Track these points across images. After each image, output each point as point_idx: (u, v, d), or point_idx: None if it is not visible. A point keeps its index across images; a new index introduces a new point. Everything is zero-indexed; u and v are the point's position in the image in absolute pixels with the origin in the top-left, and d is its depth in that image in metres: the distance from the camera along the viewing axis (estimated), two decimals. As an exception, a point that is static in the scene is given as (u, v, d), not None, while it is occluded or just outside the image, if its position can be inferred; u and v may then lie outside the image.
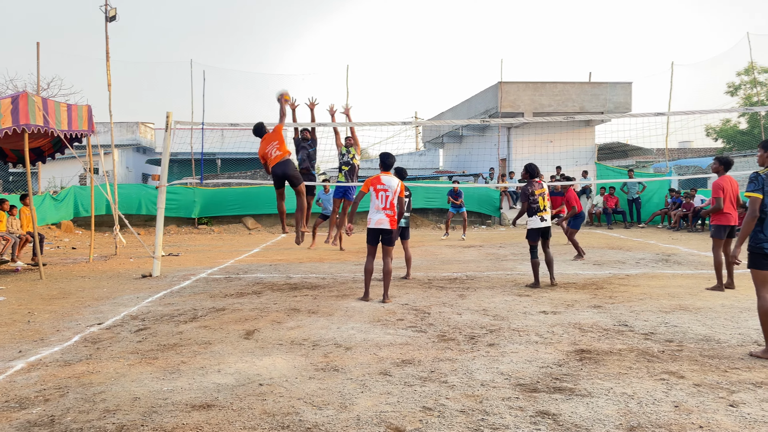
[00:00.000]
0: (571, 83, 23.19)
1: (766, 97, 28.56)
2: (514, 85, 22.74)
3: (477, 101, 25.40)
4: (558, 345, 5.18)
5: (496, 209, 21.20)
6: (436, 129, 30.26)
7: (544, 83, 23.01)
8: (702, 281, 8.51)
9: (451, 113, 28.78)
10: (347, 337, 5.52)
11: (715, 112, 20.39)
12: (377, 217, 7.22)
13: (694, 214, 17.77)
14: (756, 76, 28.39)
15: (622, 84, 23.08)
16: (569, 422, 3.47)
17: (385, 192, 7.21)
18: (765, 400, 3.80)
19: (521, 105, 22.62)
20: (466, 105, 26.83)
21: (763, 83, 29.35)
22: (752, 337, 5.35)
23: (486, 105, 24.16)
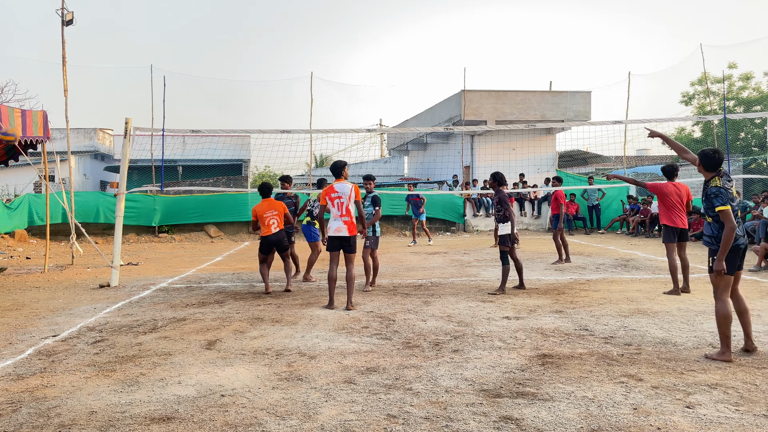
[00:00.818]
0: (532, 92, 23.64)
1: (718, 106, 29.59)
2: (477, 94, 23.05)
3: (441, 109, 25.65)
4: (521, 350, 5.24)
5: (461, 216, 21.39)
6: (400, 136, 30.42)
7: (506, 92, 23.39)
8: (659, 285, 8.73)
9: (415, 121, 28.98)
10: (311, 345, 5.48)
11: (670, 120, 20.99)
12: (336, 225, 7.22)
13: (652, 220, 18.26)
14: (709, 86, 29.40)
15: (582, 93, 23.64)
16: (532, 426, 3.51)
17: (340, 199, 7.21)
18: (720, 401, 3.91)
19: (484, 113, 22.93)
20: (430, 113, 27.06)
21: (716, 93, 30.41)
22: (707, 340, 5.51)
23: (450, 113, 24.41)
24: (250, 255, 14.43)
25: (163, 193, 19.60)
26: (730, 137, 28.41)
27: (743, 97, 29.84)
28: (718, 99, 29.52)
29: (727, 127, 12.82)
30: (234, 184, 23.80)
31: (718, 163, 5.07)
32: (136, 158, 23.20)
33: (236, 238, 19.54)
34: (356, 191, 7.31)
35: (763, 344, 5.33)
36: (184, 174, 27.85)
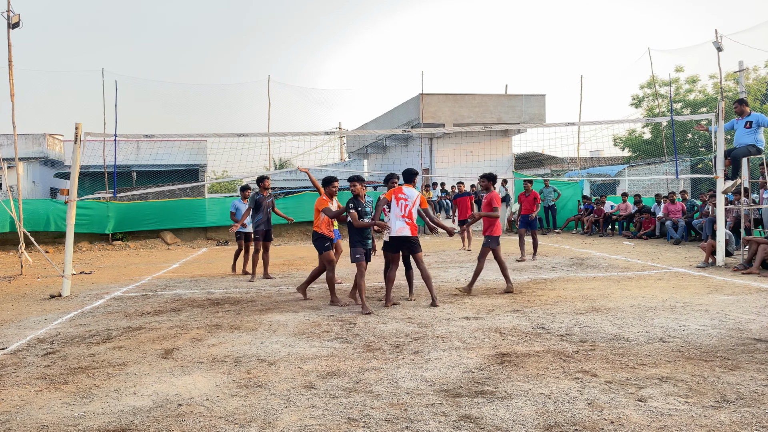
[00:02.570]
0: (488, 95, 24.00)
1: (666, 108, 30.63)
2: (435, 97, 23.27)
3: (400, 112, 25.79)
4: (480, 349, 5.31)
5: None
6: (360, 139, 30.46)
7: (463, 95, 23.69)
8: (613, 283, 8.98)
9: (374, 124, 29.05)
10: (271, 351, 5.43)
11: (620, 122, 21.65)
12: (398, 225, 7.53)
13: (605, 220, 18.76)
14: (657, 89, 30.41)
15: (537, 96, 24.13)
16: (490, 425, 3.56)
17: (405, 201, 7.58)
18: (670, 393, 4.04)
19: (442, 116, 23.16)
20: (389, 116, 27.18)
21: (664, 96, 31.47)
22: (658, 335, 5.69)
23: (408, 116, 24.57)
24: (207, 261, 14.20)
25: (117, 199, 19.11)
26: (678, 138, 29.45)
27: (690, 99, 30.96)
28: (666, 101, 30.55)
29: (674, 129, 13.26)
30: (191, 190, 23.39)
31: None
32: (88, 164, 22.57)
33: (193, 245, 19.19)
34: (422, 199, 7.77)
35: (711, 337, 5.54)
36: (138, 180, 27.22)
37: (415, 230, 7.61)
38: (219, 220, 19.83)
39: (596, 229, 18.91)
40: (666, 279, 9.28)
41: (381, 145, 28.57)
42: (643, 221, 17.31)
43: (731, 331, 5.77)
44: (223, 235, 19.92)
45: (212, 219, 19.89)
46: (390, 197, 7.65)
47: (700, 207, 15.86)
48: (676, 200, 16.40)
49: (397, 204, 7.58)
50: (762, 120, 10.13)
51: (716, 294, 7.82)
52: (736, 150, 10.35)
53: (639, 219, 17.54)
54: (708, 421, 3.54)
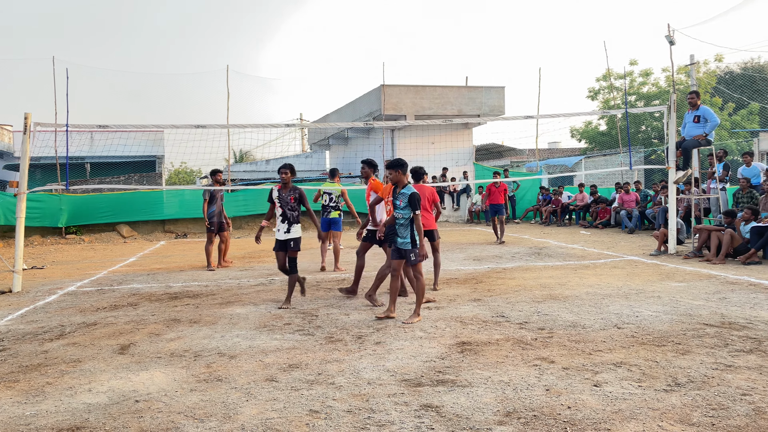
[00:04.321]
0: (449, 87, 24.13)
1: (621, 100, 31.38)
2: (396, 89, 23.27)
3: (361, 103, 25.71)
4: (441, 339, 5.36)
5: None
6: (322, 131, 30.25)
7: (424, 86, 23.75)
8: (570, 271, 9.18)
9: (336, 115, 28.90)
10: (231, 345, 5.36)
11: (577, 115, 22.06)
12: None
13: (563, 210, 19.15)
14: (612, 82, 31.11)
15: (496, 88, 24.38)
16: (451, 413, 3.60)
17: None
18: (624, 378, 4.17)
19: (403, 107, 23.19)
20: (350, 107, 27.07)
21: (619, 88, 32.22)
22: (613, 321, 5.85)
23: (370, 107, 24.52)
24: (165, 255, 13.92)
25: (70, 192, 18.52)
26: (632, 130, 30.22)
27: (644, 92, 31.76)
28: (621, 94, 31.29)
29: (628, 121, 13.62)
30: (147, 182, 22.86)
31: None
32: (39, 155, 21.79)
33: (151, 238, 18.78)
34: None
35: (663, 323, 5.72)
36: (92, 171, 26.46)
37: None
38: (177, 212, 19.45)
39: (554, 219, 19.28)
40: (621, 267, 9.54)
41: (343, 137, 28.46)
42: (598, 211, 17.74)
43: (682, 316, 5.98)
44: (181, 227, 19.55)
45: (170, 211, 19.50)
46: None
47: (653, 197, 16.34)
48: (630, 190, 16.85)
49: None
50: (708, 114, 10.52)
51: (668, 281, 8.08)
52: (687, 142, 10.69)
53: (595, 209, 17.97)
54: (660, 404, 3.66)
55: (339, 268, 10.26)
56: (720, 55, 31.08)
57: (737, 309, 6.24)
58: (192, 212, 19.32)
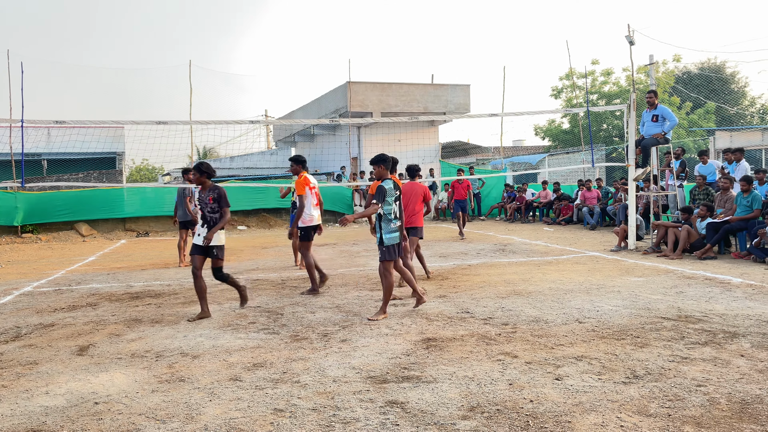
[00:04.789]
0: (415, 84, 24.21)
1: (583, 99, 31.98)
2: (362, 86, 23.24)
3: (327, 100, 25.60)
4: (407, 335, 5.38)
5: (350, 207, 21.52)
6: (287, 128, 30.01)
7: (390, 84, 23.77)
8: (533, 267, 9.32)
9: (301, 112, 28.71)
10: (194, 345, 5.28)
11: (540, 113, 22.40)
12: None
13: (526, 207, 19.43)
14: (575, 81, 31.68)
15: (462, 86, 24.56)
16: (416, 409, 3.62)
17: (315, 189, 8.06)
18: (585, 371, 4.25)
19: (370, 105, 23.18)
20: (316, 104, 26.93)
21: (581, 87, 32.83)
22: (574, 316, 5.96)
23: (336, 104, 24.43)
24: (126, 254, 13.62)
25: (26, 189, 17.96)
26: (594, 128, 30.87)
27: (605, 91, 32.44)
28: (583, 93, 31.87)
29: (590, 119, 13.89)
30: (107, 179, 22.33)
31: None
32: (-8, 152, 21.07)
33: (111, 237, 18.36)
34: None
35: (622, 317, 5.86)
36: (50, 168, 25.71)
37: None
38: (138, 210, 19.05)
39: (518, 216, 19.55)
40: (582, 263, 9.73)
41: (309, 134, 28.28)
42: (561, 208, 18.05)
43: (641, 310, 6.13)
44: (143, 226, 19.17)
45: (131, 209, 19.09)
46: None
47: (614, 194, 16.70)
48: (592, 188, 17.20)
49: (312, 193, 7.91)
50: (666, 113, 10.81)
51: (628, 276, 8.28)
52: (645, 140, 10.96)
53: (558, 206, 18.27)
54: (619, 396, 3.75)
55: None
56: (678, 55, 31.98)
57: (693, 303, 6.42)
58: (154, 210, 18.96)
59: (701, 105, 30.52)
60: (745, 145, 18.09)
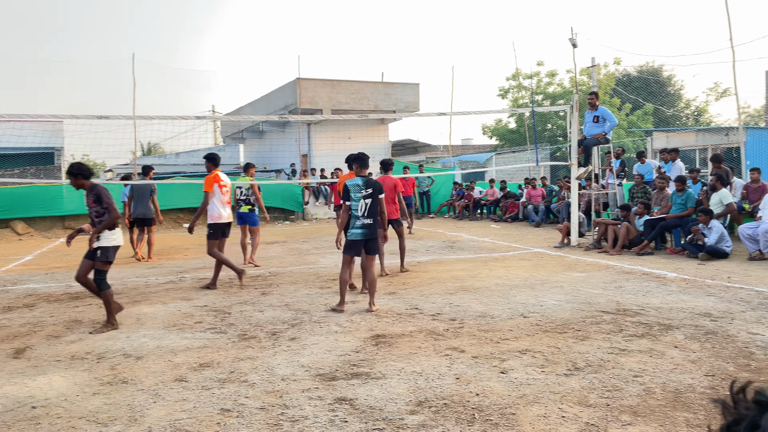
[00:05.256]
0: (365, 82, 24.21)
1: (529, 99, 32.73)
2: (312, 82, 23.08)
3: (276, 97, 25.31)
4: (356, 333, 5.41)
5: (300, 204, 21.37)
6: (235, 124, 29.50)
7: (340, 81, 23.70)
8: (481, 264, 9.50)
9: (250, 108, 28.27)
10: (138, 345, 5.15)
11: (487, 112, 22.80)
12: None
13: (474, 204, 19.76)
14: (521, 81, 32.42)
15: (411, 85, 24.72)
16: (365, 405, 3.65)
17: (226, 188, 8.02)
18: (529, 364, 4.38)
19: (320, 102, 23.05)
20: (265, 100, 26.58)
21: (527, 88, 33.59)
22: (519, 311, 6.12)
23: (285, 101, 24.18)
24: (65, 253, 13.11)
25: (-45, 185, 17.04)
26: (539, 128, 31.63)
27: (550, 92, 33.28)
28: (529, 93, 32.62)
29: (535, 119, 14.23)
30: (45, 175, 21.43)
31: None
32: None
33: (49, 235, 17.63)
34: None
35: (565, 311, 6.05)
36: (-18, 164, 24.45)
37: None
38: (79, 207, 18.33)
39: (467, 213, 19.85)
40: (527, 259, 9.98)
41: (257, 130, 27.88)
42: (508, 206, 18.44)
43: (582, 305, 6.34)
44: (83, 223, 18.47)
45: (71, 207, 18.37)
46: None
47: (557, 192, 17.18)
48: (537, 186, 17.64)
49: (221, 191, 7.90)
50: (607, 114, 11.21)
51: (570, 272, 8.54)
52: (587, 140, 11.33)
53: (505, 204, 18.66)
54: (561, 388, 3.88)
55: (252, 262, 10.10)
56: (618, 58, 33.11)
57: (631, 297, 6.69)
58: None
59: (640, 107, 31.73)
60: (681, 146, 18.92)
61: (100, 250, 5.73)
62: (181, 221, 19.09)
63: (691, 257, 9.48)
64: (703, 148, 20.24)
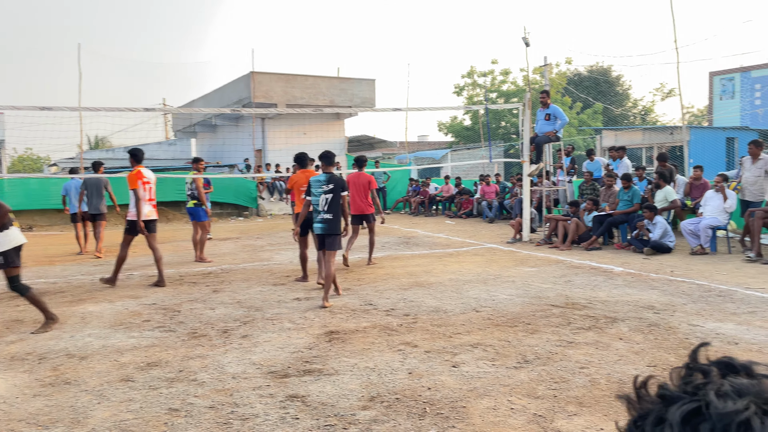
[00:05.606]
0: (321, 77, 24.06)
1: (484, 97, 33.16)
2: (267, 76, 22.79)
3: (229, 90, 24.88)
4: (310, 329, 5.37)
5: (253, 200, 21.08)
6: (187, 118, 28.86)
7: (296, 76, 23.48)
8: (435, 259, 9.58)
9: (202, 101, 27.71)
10: (83, 345, 4.99)
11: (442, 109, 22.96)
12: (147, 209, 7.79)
13: (430, 201, 19.92)
14: (476, 79, 32.84)
15: (367, 80, 24.69)
16: (317, 401, 3.63)
17: (149, 184, 7.79)
18: (480, 358, 4.44)
19: (274, 96, 22.77)
20: (218, 94, 26.10)
21: (482, 86, 34.02)
22: (472, 305, 6.19)
23: (239, 95, 23.80)
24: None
25: None
26: (493, 126, 32.10)
27: (503, 90, 33.82)
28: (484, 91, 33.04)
29: (488, 117, 14.43)
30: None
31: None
32: None
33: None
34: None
35: (516, 305, 6.16)
36: None
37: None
38: (22, 203, 17.64)
39: (422, 209, 19.99)
40: (481, 254, 10.12)
41: (210, 124, 27.35)
42: (462, 202, 18.66)
43: (533, 299, 6.47)
44: (26, 219, 17.78)
45: (13, 202, 17.50)
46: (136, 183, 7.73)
47: (510, 189, 17.48)
48: (491, 182, 17.91)
49: (145, 188, 7.76)
50: (558, 113, 11.46)
51: (522, 266, 8.71)
52: (539, 138, 11.56)
53: (459, 200, 18.87)
54: (510, 380, 3.94)
55: (202, 258, 9.90)
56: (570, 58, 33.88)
57: (579, 291, 6.87)
58: (38, 203, 17.66)
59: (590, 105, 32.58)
60: (628, 144, 19.52)
61: (1, 256, 5.23)
62: (131, 217, 18.54)
63: (637, 252, 9.79)
64: (650, 146, 20.95)
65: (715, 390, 0.60)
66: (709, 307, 5.87)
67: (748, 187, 9.86)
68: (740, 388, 0.60)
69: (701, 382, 0.63)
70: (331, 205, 6.46)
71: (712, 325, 5.24)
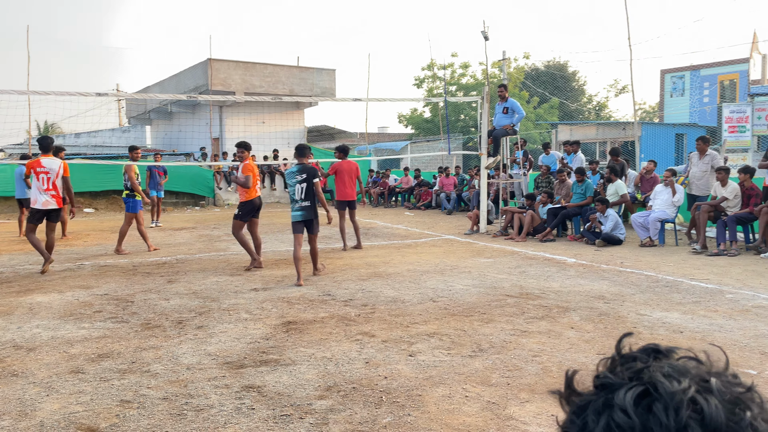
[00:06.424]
0: (281, 66, 23.77)
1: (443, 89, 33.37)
2: (225, 63, 22.39)
3: (186, 77, 24.34)
4: (267, 320, 5.34)
5: (211, 190, 20.73)
6: (141, 104, 28.10)
7: (255, 64, 23.13)
8: (394, 250, 9.64)
9: (158, 88, 27.02)
10: (30, 336, 4.84)
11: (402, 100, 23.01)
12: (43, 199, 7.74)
13: (389, 192, 19.98)
14: (436, 72, 32.98)
15: (327, 70, 24.53)
16: (273, 392, 3.62)
17: (47, 174, 7.75)
18: (436, 347, 4.50)
19: (233, 84, 22.40)
20: (174, 80, 25.49)
21: (441, 78, 34.20)
22: (429, 295, 6.26)
23: (196, 81, 23.31)
24: (-51, 238, 12.05)
25: None
26: (452, 118, 32.34)
27: (463, 83, 34.08)
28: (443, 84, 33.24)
29: (448, 109, 14.54)
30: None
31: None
32: None
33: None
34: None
35: (472, 295, 6.26)
36: None
37: (60, 202, 7.95)
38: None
39: (382, 200, 20.04)
40: (439, 245, 10.23)
41: (166, 111, 26.70)
42: (422, 194, 18.79)
43: (488, 289, 6.59)
44: None
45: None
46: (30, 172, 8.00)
47: (468, 181, 17.69)
48: (450, 174, 18.08)
49: (38, 178, 7.74)
50: (516, 107, 11.64)
51: (478, 257, 8.84)
52: (496, 131, 11.72)
53: (418, 191, 18.99)
54: (465, 369, 4.02)
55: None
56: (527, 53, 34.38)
57: (533, 281, 7.03)
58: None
59: (547, 100, 33.17)
60: (583, 139, 19.99)
61: None
62: (81, 206, 18.01)
63: (589, 244, 10.06)
64: (603, 141, 21.48)
65: (661, 372, 0.62)
66: (657, 297, 6.10)
67: (695, 181, 10.24)
68: (680, 369, 0.63)
69: (640, 367, 0.65)
70: (307, 193, 7.11)
71: (659, 314, 5.44)
